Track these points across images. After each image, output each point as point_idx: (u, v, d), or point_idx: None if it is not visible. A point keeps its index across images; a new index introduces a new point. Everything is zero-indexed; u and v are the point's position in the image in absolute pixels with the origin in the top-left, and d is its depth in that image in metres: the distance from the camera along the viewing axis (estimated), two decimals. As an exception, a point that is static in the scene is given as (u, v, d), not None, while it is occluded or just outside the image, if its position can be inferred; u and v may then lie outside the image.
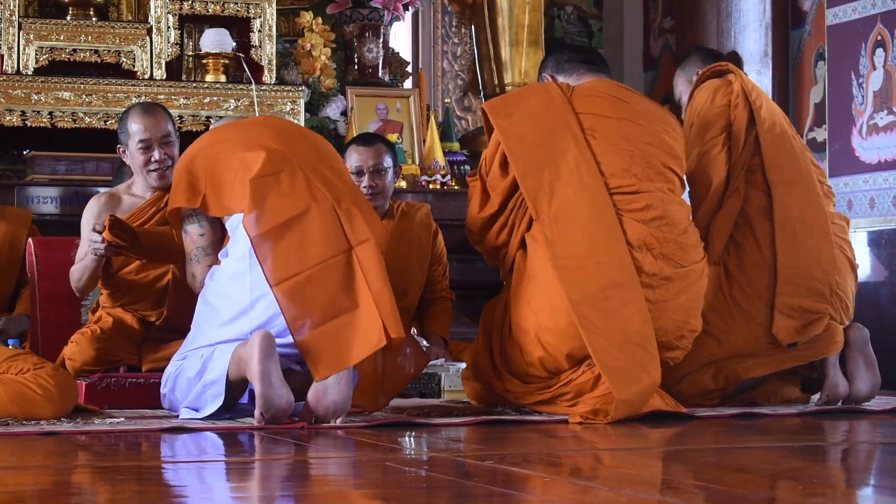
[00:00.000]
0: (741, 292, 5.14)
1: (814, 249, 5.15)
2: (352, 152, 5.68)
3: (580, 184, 4.73)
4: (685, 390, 5.09)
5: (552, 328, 4.67)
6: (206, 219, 4.64)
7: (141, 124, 5.21)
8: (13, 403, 4.41)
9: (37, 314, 5.59)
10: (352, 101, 7.54)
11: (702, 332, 5.01)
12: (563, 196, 4.73)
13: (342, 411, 4.32)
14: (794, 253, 5.12)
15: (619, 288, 4.63)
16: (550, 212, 4.71)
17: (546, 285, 4.68)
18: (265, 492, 3.06)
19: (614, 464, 3.63)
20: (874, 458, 3.85)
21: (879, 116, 7.13)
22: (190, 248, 4.68)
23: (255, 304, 4.43)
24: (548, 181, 4.74)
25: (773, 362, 5.15)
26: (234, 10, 7.13)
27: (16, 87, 6.74)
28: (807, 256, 5.14)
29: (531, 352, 4.72)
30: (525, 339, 4.73)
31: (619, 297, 4.63)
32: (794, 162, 5.24)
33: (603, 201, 4.72)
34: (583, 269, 4.64)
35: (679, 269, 4.76)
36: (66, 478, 3.33)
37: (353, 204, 4.56)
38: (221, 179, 4.57)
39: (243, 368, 4.31)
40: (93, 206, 5.26)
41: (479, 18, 8.17)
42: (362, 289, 4.40)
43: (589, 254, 4.66)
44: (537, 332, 4.70)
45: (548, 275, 4.67)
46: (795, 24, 7.82)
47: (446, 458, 3.65)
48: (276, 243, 4.42)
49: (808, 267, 5.12)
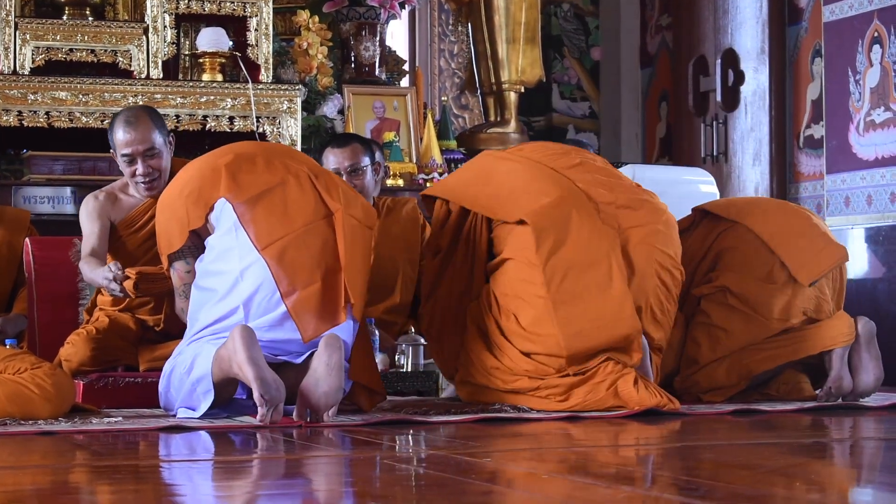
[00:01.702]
0: (740, 274, 5.25)
1: (790, 218, 5.43)
2: (328, 154, 5.67)
3: (518, 164, 5.09)
4: (701, 381, 5.18)
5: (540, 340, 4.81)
6: (193, 255, 4.69)
7: (123, 138, 5.14)
8: (11, 403, 4.41)
9: (34, 314, 5.58)
10: (349, 100, 7.54)
11: (709, 325, 5.18)
12: (507, 179, 5.02)
13: (334, 401, 4.33)
14: (772, 225, 5.35)
15: (576, 210, 4.88)
16: (500, 194, 4.96)
17: (518, 248, 4.87)
18: (263, 490, 3.06)
19: (612, 460, 3.63)
20: (874, 455, 3.85)
21: (876, 113, 7.13)
22: (178, 284, 4.75)
23: (244, 273, 4.50)
24: (495, 184, 5.03)
25: (782, 354, 5.19)
26: (231, 9, 7.13)
27: (12, 87, 6.74)
28: (786, 224, 5.38)
29: (521, 358, 4.81)
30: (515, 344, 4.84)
31: (576, 219, 4.86)
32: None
33: (541, 168, 5.06)
34: (542, 201, 4.88)
35: (635, 198, 5.00)
36: (63, 477, 3.33)
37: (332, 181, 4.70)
38: (198, 186, 4.63)
39: (226, 367, 4.33)
40: (90, 205, 5.23)
41: (475, 16, 8.17)
42: (342, 251, 4.53)
43: (543, 191, 4.92)
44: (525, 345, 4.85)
45: (518, 240, 4.86)
46: (792, 20, 7.82)
47: (444, 455, 3.65)
48: (260, 209, 4.55)
49: (792, 225, 5.38)
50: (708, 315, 5.23)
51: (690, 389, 5.20)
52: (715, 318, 5.21)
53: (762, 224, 5.33)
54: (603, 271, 4.79)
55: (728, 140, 8.14)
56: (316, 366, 4.33)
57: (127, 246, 5.22)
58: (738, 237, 5.33)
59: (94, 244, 5.13)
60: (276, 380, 4.26)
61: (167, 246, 4.71)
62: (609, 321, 4.73)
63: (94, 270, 4.93)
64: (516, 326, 4.83)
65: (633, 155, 9.01)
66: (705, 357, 5.18)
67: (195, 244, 4.70)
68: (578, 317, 4.72)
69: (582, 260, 4.79)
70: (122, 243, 5.22)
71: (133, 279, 4.84)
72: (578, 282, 4.77)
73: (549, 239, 4.80)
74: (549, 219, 4.83)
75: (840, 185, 7.31)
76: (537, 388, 4.78)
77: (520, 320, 4.83)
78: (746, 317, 5.18)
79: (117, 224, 5.21)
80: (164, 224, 4.71)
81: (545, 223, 4.82)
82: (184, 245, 4.67)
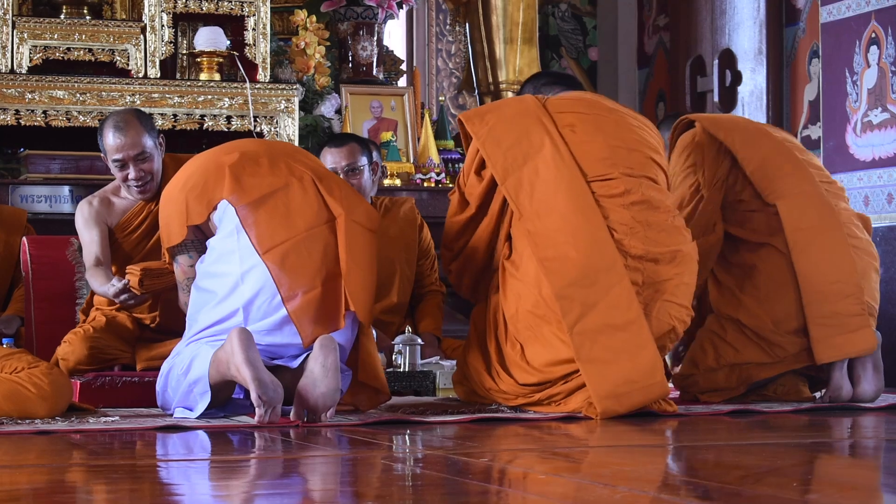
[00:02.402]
0: (756, 312, 5.15)
1: (830, 255, 5.12)
2: (325, 154, 5.67)
3: (557, 176, 4.76)
4: (701, 382, 5.16)
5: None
6: (196, 249, 4.68)
7: (113, 143, 5.13)
8: (8, 402, 4.41)
9: (31, 313, 5.58)
10: (346, 100, 7.54)
11: (720, 339, 5.13)
12: (542, 190, 4.76)
13: (332, 402, 4.33)
14: (811, 262, 5.11)
15: (605, 273, 4.65)
16: (532, 207, 4.74)
17: (533, 282, 4.69)
18: (260, 490, 3.06)
19: (610, 461, 3.63)
20: (872, 456, 3.85)
21: (874, 114, 7.13)
22: (181, 279, 4.74)
23: (245, 276, 4.48)
24: (527, 179, 4.77)
25: (784, 364, 5.16)
26: (228, 8, 7.12)
27: (10, 85, 6.73)
28: (825, 263, 5.11)
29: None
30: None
31: (604, 281, 4.64)
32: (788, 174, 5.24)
33: (580, 190, 4.74)
34: (565, 259, 4.67)
35: (666, 250, 4.76)
36: (60, 476, 3.33)
37: (335, 184, 4.67)
38: (202, 182, 4.62)
39: (224, 370, 4.32)
40: (85, 211, 5.23)
41: (473, 16, 8.17)
42: (343, 257, 4.51)
43: (570, 241, 4.67)
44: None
45: (533, 270, 4.68)
46: (789, 21, 7.82)
47: (441, 455, 3.65)
48: (262, 213, 4.53)
49: (829, 273, 5.10)
50: (724, 330, 5.16)
51: (689, 389, 5.20)
52: (729, 338, 5.14)
53: (806, 260, 5.12)
54: (634, 334, 4.62)
55: (725, 140, 8.14)
56: (312, 367, 4.33)
57: (123, 247, 5.23)
58: (774, 267, 5.15)
59: (96, 252, 5.13)
60: (273, 381, 4.26)
61: (167, 239, 4.71)
62: (643, 384, 4.61)
63: (103, 286, 5.01)
64: (520, 360, 4.74)
65: (630, 155, 9.00)
66: (708, 364, 5.15)
67: (198, 238, 4.69)
68: (611, 379, 4.57)
69: (612, 324, 4.62)
70: (119, 245, 5.22)
71: (138, 276, 4.85)
72: (610, 346, 4.59)
73: (576, 307, 4.61)
74: (574, 286, 4.63)
75: (837, 185, 7.30)
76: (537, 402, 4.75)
77: (526, 354, 4.73)
78: (760, 349, 5.14)
79: (113, 227, 5.22)
80: (166, 218, 4.71)
81: (569, 291, 4.62)
82: (187, 239, 4.67)
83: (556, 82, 5.30)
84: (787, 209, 5.16)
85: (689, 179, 5.23)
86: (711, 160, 5.23)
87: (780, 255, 5.14)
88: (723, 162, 5.24)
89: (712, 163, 5.23)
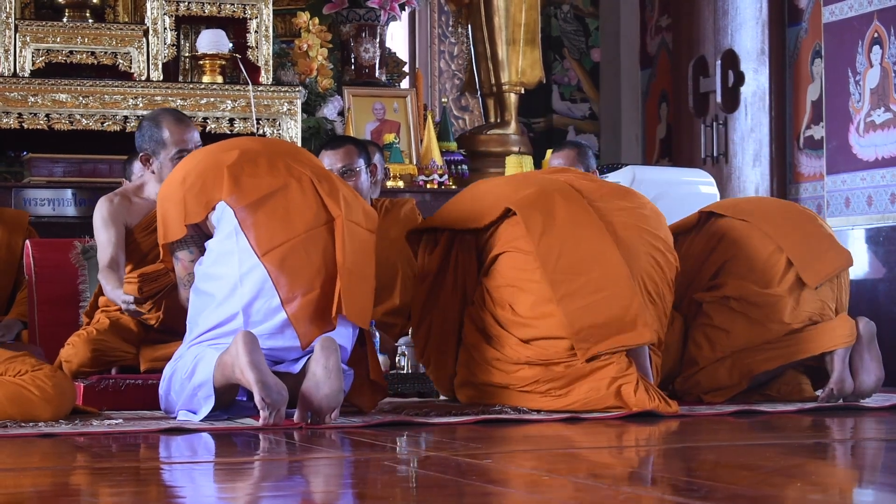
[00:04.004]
0: (739, 283, 5.23)
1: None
2: (322, 156, 5.67)
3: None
4: (703, 381, 5.18)
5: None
6: (196, 245, 4.68)
7: (179, 135, 5.09)
8: (11, 405, 4.41)
9: (34, 316, 5.59)
10: (349, 102, 7.54)
11: (710, 327, 5.20)
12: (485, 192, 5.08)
13: (335, 404, 4.33)
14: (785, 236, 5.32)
15: (559, 193, 4.93)
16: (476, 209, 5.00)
17: (510, 240, 4.92)
18: (263, 492, 3.06)
19: (613, 461, 3.63)
20: (875, 456, 3.85)
21: (876, 114, 7.13)
22: (182, 274, 4.72)
23: (244, 278, 4.48)
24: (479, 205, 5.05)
25: (783, 355, 5.19)
26: (231, 10, 7.13)
27: (12, 89, 6.74)
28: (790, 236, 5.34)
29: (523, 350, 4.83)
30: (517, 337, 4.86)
31: (561, 200, 4.90)
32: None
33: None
34: (526, 191, 4.97)
35: (616, 188, 5.09)
36: (64, 479, 3.33)
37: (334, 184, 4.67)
38: (201, 181, 4.61)
39: (228, 373, 4.32)
40: (105, 209, 5.20)
41: (475, 17, 8.17)
42: (339, 259, 4.51)
43: (524, 184, 5.02)
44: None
45: (506, 235, 4.90)
46: (792, 21, 7.82)
47: (444, 456, 3.65)
48: (261, 215, 4.52)
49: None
50: (710, 317, 5.24)
51: (692, 390, 5.20)
52: (716, 320, 5.22)
53: (769, 223, 5.33)
54: (596, 244, 4.82)
55: (728, 141, 8.14)
56: (314, 369, 4.32)
57: (141, 247, 5.23)
58: (745, 235, 5.32)
59: (111, 253, 5.12)
60: (277, 384, 4.26)
61: (164, 235, 4.69)
62: (611, 292, 4.73)
63: (115, 291, 5.00)
64: (512, 315, 4.85)
65: (633, 156, 9.01)
66: (706, 358, 5.19)
67: (199, 235, 4.68)
68: (579, 290, 4.74)
69: (574, 235, 4.82)
70: (136, 245, 5.22)
71: (136, 283, 4.84)
72: (574, 255, 4.79)
73: (538, 221, 4.84)
74: (534, 204, 4.90)
75: (840, 185, 7.31)
76: (537, 381, 4.77)
77: (515, 308, 4.85)
78: (748, 319, 5.19)
79: (133, 228, 5.21)
80: (164, 214, 4.69)
81: (531, 208, 4.88)
82: (187, 235, 4.65)
83: None
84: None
85: None
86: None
87: (752, 228, 5.33)
88: None
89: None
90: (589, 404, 4.72)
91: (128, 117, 6.84)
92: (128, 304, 4.91)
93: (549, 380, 4.77)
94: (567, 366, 4.75)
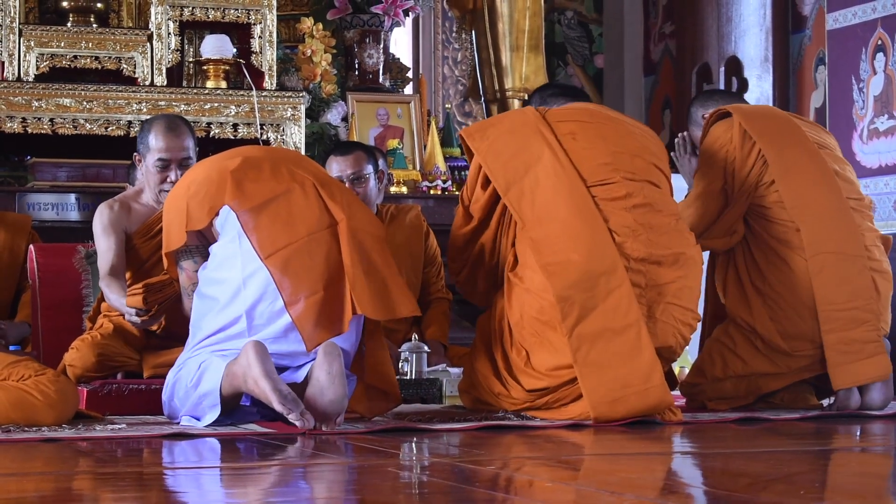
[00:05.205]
0: (769, 324, 5.13)
1: (849, 279, 5.09)
2: (331, 162, 5.67)
3: (556, 183, 4.78)
4: (708, 391, 5.16)
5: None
6: (200, 254, 4.69)
7: (163, 142, 5.12)
8: (14, 410, 4.40)
9: (38, 321, 5.59)
10: (352, 107, 7.55)
11: (728, 350, 5.13)
12: (542, 199, 4.78)
13: (340, 409, 4.33)
14: (830, 285, 5.06)
15: (605, 276, 4.65)
16: (533, 215, 4.77)
17: (538, 290, 4.70)
18: (267, 498, 3.06)
19: (616, 468, 3.63)
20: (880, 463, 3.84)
21: (880, 121, 7.13)
22: (186, 284, 4.73)
23: (247, 281, 4.48)
24: (528, 188, 4.80)
25: (792, 374, 5.15)
26: (235, 16, 7.14)
27: (17, 93, 6.75)
28: (844, 287, 5.07)
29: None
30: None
31: (604, 285, 4.64)
32: (814, 189, 5.18)
33: (580, 195, 4.76)
34: (567, 263, 4.67)
35: (669, 252, 4.75)
36: (67, 484, 3.33)
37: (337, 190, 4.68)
38: (204, 188, 4.62)
39: (238, 383, 4.33)
40: (105, 215, 5.21)
41: (479, 23, 8.18)
42: (347, 261, 4.50)
43: (571, 247, 4.68)
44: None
45: (538, 279, 4.69)
46: (796, 28, 7.82)
47: (448, 463, 3.65)
48: (264, 218, 4.53)
49: (848, 297, 5.07)
50: (733, 341, 5.15)
51: (696, 396, 5.19)
52: (739, 349, 5.13)
53: (825, 284, 5.05)
54: (632, 338, 4.62)
55: (732, 148, 8.14)
56: (318, 375, 4.33)
57: (140, 253, 5.23)
58: (797, 283, 5.09)
59: (112, 261, 5.13)
60: (290, 391, 4.27)
61: (168, 244, 4.70)
62: (639, 389, 4.60)
63: (118, 299, 5.00)
64: (525, 366, 4.75)
65: (636, 162, 9.01)
66: (715, 374, 5.15)
67: (203, 244, 4.69)
68: (607, 384, 4.59)
69: (610, 327, 4.63)
70: (136, 251, 5.22)
71: (140, 294, 4.83)
72: (607, 350, 4.60)
73: (575, 310, 4.62)
74: (574, 288, 4.64)
75: (844, 192, 7.30)
76: (545, 403, 4.76)
77: (532, 361, 4.75)
78: (770, 361, 5.13)
79: (132, 234, 5.22)
80: (168, 223, 4.71)
81: (570, 293, 4.63)
82: (191, 244, 4.66)
83: (562, 94, 5.33)
84: (810, 231, 5.10)
85: (717, 181, 5.19)
86: (741, 163, 5.18)
87: (798, 271, 5.10)
88: (754, 165, 5.18)
89: (741, 166, 5.18)
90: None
91: (131, 122, 6.84)
92: (131, 315, 4.91)
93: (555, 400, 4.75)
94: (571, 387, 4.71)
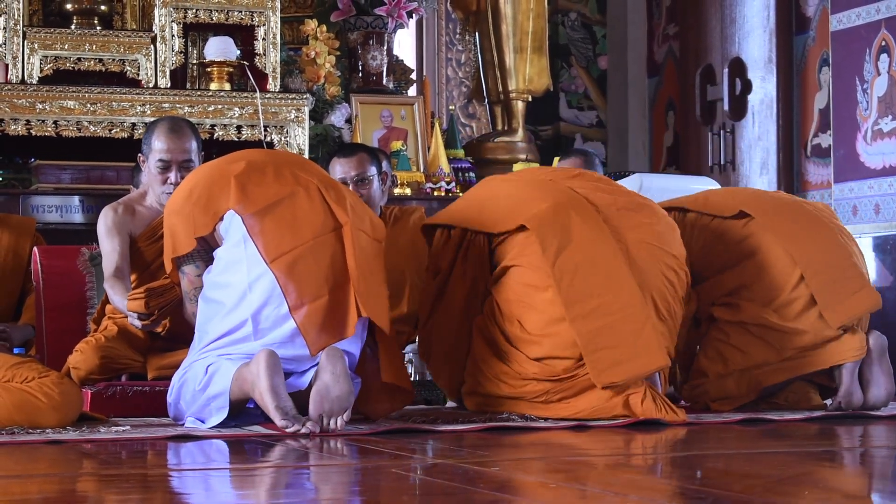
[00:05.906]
0: (756, 309, 5.16)
1: (824, 246, 5.20)
2: (335, 164, 5.67)
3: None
4: (711, 391, 5.16)
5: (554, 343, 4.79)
6: (203, 259, 4.69)
7: (164, 143, 5.11)
8: (18, 412, 4.41)
9: (42, 323, 5.59)
10: (356, 109, 7.55)
11: (725, 344, 5.16)
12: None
13: (346, 405, 4.34)
14: (806, 252, 5.16)
15: (575, 210, 4.85)
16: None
17: (519, 256, 4.87)
18: (271, 499, 3.06)
19: (620, 469, 3.63)
20: (884, 464, 3.84)
21: (884, 122, 7.13)
22: (188, 289, 4.72)
23: (252, 286, 4.48)
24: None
25: (792, 367, 5.15)
26: (238, 18, 7.14)
27: (20, 96, 6.75)
28: (819, 252, 5.18)
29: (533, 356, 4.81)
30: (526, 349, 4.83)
31: (577, 218, 4.85)
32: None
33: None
34: (539, 210, 4.88)
35: (631, 200, 5.00)
36: (71, 486, 3.33)
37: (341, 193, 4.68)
38: (207, 193, 4.62)
39: (247, 389, 4.34)
40: (109, 218, 5.21)
41: (483, 25, 8.18)
42: (352, 264, 4.51)
43: (540, 196, 4.91)
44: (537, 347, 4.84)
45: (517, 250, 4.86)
46: (799, 29, 7.82)
47: (451, 464, 3.65)
48: (269, 222, 4.53)
49: (825, 257, 5.19)
50: (726, 335, 5.17)
51: (699, 398, 5.19)
52: (733, 340, 5.15)
53: (797, 244, 5.18)
54: (610, 265, 4.78)
55: (735, 149, 8.14)
56: (322, 376, 4.34)
57: (145, 256, 5.23)
58: (769, 260, 5.18)
59: (116, 262, 5.12)
60: (293, 409, 4.28)
61: (173, 250, 4.70)
62: (624, 315, 4.71)
63: (122, 301, 4.99)
64: (521, 332, 4.84)
65: (640, 164, 9.02)
66: (717, 372, 5.16)
67: (204, 249, 4.69)
68: (593, 313, 4.71)
69: (589, 257, 4.78)
70: (140, 254, 5.22)
71: (143, 299, 4.83)
72: (588, 277, 4.76)
73: (554, 241, 4.80)
74: (549, 222, 4.83)
75: (848, 193, 7.31)
76: (547, 392, 4.77)
77: (525, 325, 4.83)
78: (766, 343, 5.13)
79: (136, 236, 5.22)
80: (171, 228, 4.71)
81: (547, 226, 4.82)
82: (193, 249, 4.66)
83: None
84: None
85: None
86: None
87: (778, 249, 5.19)
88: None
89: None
90: (596, 413, 4.72)
91: (135, 124, 6.85)
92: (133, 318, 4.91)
93: (557, 391, 4.77)
94: (574, 379, 4.74)
